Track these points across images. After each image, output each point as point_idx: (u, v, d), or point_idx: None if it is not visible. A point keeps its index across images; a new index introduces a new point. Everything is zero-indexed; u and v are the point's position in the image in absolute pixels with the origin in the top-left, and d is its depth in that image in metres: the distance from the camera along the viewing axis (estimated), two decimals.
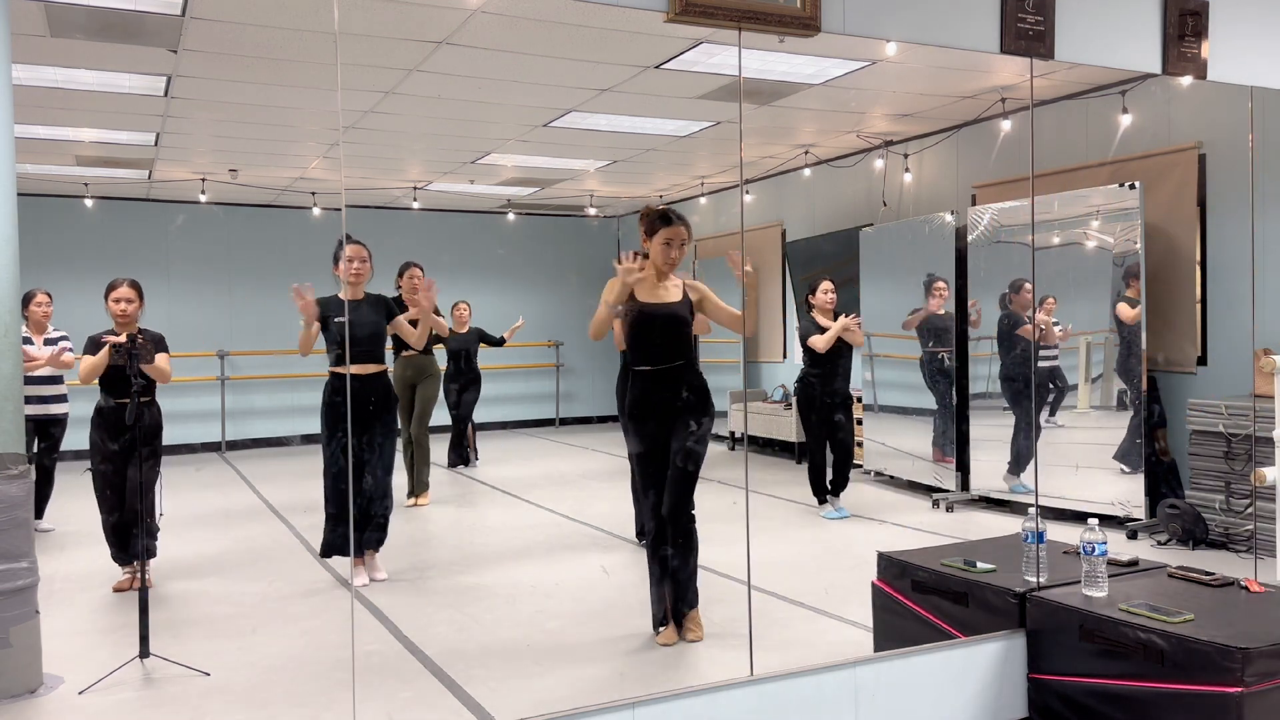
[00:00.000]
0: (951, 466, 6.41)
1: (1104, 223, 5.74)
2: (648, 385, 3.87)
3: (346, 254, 4.70)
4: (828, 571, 4.82)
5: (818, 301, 6.03)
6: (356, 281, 4.74)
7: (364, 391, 4.75)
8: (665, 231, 3.88)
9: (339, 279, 4.73)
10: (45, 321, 5.14)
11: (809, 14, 3.09)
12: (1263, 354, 4.31)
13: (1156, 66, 3.77)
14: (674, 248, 3.88)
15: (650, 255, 3.93)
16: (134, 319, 4.57)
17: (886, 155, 7.19)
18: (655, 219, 3.93)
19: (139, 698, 3.41)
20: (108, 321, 4.60)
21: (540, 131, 6.65)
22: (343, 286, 4.73)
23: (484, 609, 4.38)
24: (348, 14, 4.27)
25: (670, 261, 3.90)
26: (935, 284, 6.60)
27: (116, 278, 4.56)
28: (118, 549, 4.64)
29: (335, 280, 4.80)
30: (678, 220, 3.91)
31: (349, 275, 4.70)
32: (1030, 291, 5.89)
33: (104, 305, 4.57)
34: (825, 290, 6.02)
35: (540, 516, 6.24)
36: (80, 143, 6.68)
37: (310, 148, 7.11)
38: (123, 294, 4.52)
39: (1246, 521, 4.88)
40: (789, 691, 2.99)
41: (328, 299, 4.76)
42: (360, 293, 4.78)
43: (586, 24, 4.58)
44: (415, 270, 5.71)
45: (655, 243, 3.90)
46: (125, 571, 4.66)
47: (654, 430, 3.86)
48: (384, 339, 4.82)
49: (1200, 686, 2.70)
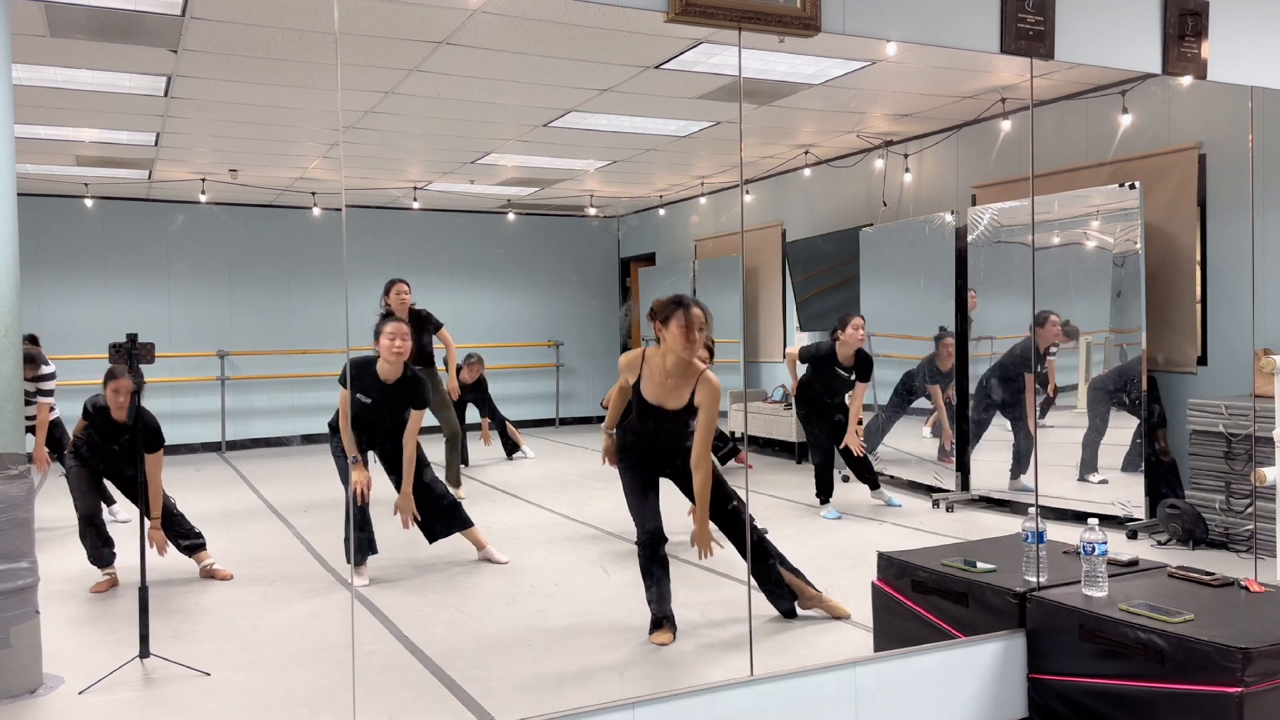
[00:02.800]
0: (952, 466, 6.42)
1: (1104, 223, 5.74)
2: (642, 443, 3.94)
3: (389, 330, 4.57)
4: (828, 571, 4.81)
5: (847, 337, 5.91)
6: (397, 361, 4.62)
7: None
8: (682, 315, 3.65)
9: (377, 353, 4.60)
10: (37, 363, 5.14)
11: (809, 14, 3.09)
12: (1263, 354, 4.31)
13: (1156, 66, 3.78)
14: (694, 331, 3.65)
15: (668, 342, 3.70)
16: (125, 409, 4.54)
17: (886, 155, 7.19)
18: (668, 304, 3.70)
19: (139, 698, 3.41)
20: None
21: (540, 131, 6.65)
22: (380, 364, 4.62)
23: (484, 609, 4.38)
24: (348, 14, 4.28)
25: (690, 345, 3.65)
26: (944, 341, 6.56)
27: (117, 365, 4.29)
28: (95, 550, 4.64)
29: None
30: (692, 303, 3.68)
31: (389, 354, 4.58)
32: (1056, 324, 5.89)
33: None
34: (857, 327, 5.90)
35: (540, 516, 6.24)
36: (80, 143, 6.68)
37: (310, 148, 7.11)
38: (120, 385, 4.47)
39: (1246, 521, 4.88)
40: (789, 691, 2.99)
41: (363, 368, 4.63)
42: (399, 372, 4.65)
43: (586, 24, 4.58)
44: (401, 286, 5.66)
45: (672, 327, 3.66)
46: (105, 574, 4.67)
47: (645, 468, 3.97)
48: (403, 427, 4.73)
49: (1200, 686, 2.70)
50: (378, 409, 4.68)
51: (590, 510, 6.30)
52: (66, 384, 5.62)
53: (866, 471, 6.14)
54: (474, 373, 7.25)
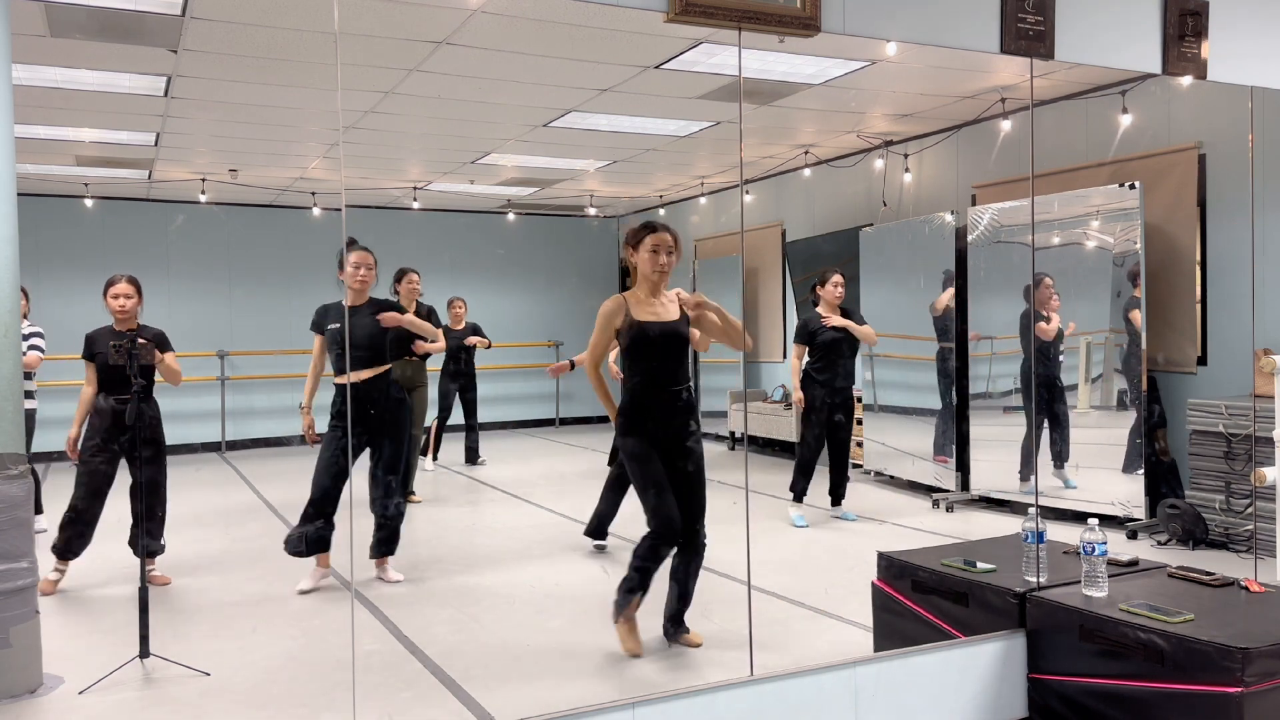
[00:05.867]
0: (952, 466, 6.42)
1: (1104, 223, 5.74)
2: (647, 406, 3.77)
3: (352, 260, 4.67)
4: (828, 571, 4.82)
5: (825, 294, 5.84)
6: (361, 288, 4.72)
7: (368, 396, 4.72)
8: (651, 239, 3.74)
9: (343, 284, 4.72)
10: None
11: (809, 14, 3.09)
12: (1263, 354, 4.31)
13: (1156, 66, 3.78)
14: (662, 253, 3.75)
15: (639, 269, 3.80)
16: (133, 315, 4.56)
17: (886, 155, 7.19)
18: (638, 228, 3.80)
19: (139, 698, 3.41)
20: (107, 321, 4.60)
21: (540, 131, 6.65)
22: (346, 292, 4.72)
23: (484, 609, 4.38)
24: (348, 14, 4.28)
25: (660, 268, 3.75)
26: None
27: (115, 274, 4.55)
28: (65, 545, 4.54)
29: (337, 285, 4.79)
30: (662, 226, 3.78)
31: (354, 281, 4.68)
32: (1049, 286, 5.85)
33: (103, 303, 4.57)
34: (836, 284, 5.81)
35: (540, 516, 6.24)
36: (80, 143, 6.68)
37: (310, 148, 7.11)
38: (121, 290, 4.52)
39: (1246, 521, 4.88)
40: (789, 691, 2.99)
41: (329, 306, 4.75)
42: (364, 298, 4.76)
43: (586, 24, 4.58)
44: (412, 275, 5.71)
45: (642, 253, 3.76)
46: (56, 570, 4.56)
47: (652, 448, 3.78)
48: (386, 345, 4.79)
49: (1200, 686, 2.70)
50: (353, 332, 4.69)
51: (590, 510, 6.29)
52: (66, 384, 5.62)
53: (839, 476, 5.95)
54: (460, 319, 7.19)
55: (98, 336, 4.59)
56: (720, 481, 5.48)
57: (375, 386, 4.73)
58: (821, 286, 5.88)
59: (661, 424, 3.79)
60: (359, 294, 4.71)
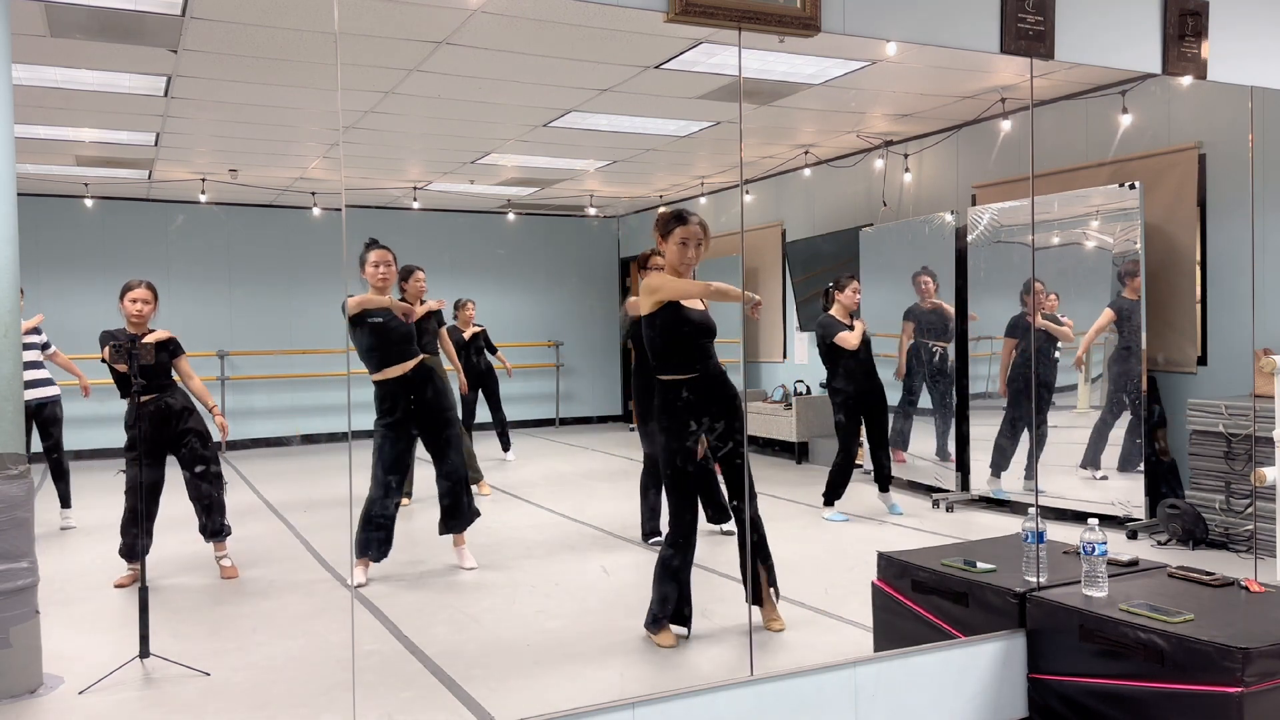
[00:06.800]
0: (951, 466, 6.42)
1: (1104, 223, 5.74)
2: (681, 394, 3.78)
3: (373, 258, 4.75)
4: (828, 571, 4.82)
5: (844, 299, 5.84)
6: (384, 286, 4.78)
7: (413, 384, 4.80)
8: (680, 231, 3.79)
9: (366, 283, 4.77)
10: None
11: (809, 14, 3.09)
12: (1263, 354, 4.31)
13: (1156, 66, 3.78)
14: (690, 247, 3.80)
15: (667, 258, 3.86)
16: (147, 319, 4.61)
17: (886, 155, 7.19)
18: (670, 219, 3.83)
19: (139, 698, 3.41)
20: (106, 321, 4.61)
21: (540, 131, 6.65)
22: (369, 290, 4.79)
23: (484, 609, 4.38)
24: (348, 14, 4.28)
25: (688, 262, 3.82)
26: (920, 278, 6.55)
27: (133, 279, 4.64)
28: (129, 548, 4.62)
29: (360, 284, 4.82)
30: (692, 218, 3.82)
31: (376, 279, 4.74)
32: (1042, 290, 5.86)
33: (115, 305, 4.63)
34: (855, 289, 5.86)
35: (540, 516, 6.24)
36: (80, 143, 6.68)
37: (310, 148, 7.11)
38: (139, 295, 4.62)
39: (1246, 521, 4.88)
40: (789, 691, 2.99)
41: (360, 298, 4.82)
42: (387, 295, 4.84)
43: (586, 24, 4.59)
44: (418, 273, 5.72)
45: (671, 244, 3.82)
46: (131, 568, 4.66)
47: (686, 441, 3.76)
48: (415, 337, 4.87)
49: (1200, 686, 2.70)
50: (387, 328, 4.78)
51: (590, 510, 6.30)
52: (65, 384, 5.63)
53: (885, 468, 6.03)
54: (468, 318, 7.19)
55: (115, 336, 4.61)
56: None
57: (418, 374, 4.85)
58: (840, 291, 5.91)
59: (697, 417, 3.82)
60: (381, 291, 4.79)
